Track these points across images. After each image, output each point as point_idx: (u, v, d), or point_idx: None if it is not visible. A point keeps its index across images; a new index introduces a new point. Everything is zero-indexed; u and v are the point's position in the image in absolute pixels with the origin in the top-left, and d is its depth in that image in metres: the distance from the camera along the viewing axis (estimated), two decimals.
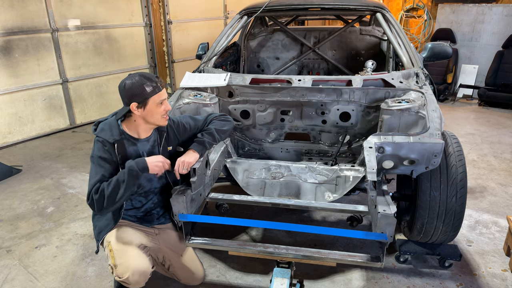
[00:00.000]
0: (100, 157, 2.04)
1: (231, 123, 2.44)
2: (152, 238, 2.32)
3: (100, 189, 1.95)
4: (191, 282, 2.52)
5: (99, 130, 2.10)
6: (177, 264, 2.41)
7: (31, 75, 5.25)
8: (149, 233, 2.32)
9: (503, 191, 3.76)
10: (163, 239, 2.37)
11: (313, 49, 4.44)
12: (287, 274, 2.15)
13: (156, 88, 2.03)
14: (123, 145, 2.11)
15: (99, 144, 2.06)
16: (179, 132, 2.31)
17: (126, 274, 2.01)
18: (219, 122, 2.38)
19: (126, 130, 2.14)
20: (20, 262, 2.83)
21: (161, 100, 2.06)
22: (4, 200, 3.73)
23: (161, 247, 2.35)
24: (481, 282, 2.55)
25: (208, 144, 2.27)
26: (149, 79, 2.03)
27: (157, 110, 2.06)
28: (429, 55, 3.37)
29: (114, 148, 2.07)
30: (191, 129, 2.35)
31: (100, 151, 2.05)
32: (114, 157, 2.08)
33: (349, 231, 2.12)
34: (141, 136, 2.17)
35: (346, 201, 3.20)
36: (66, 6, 5.44)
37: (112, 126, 2.10)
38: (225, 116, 2.45)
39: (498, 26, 7.07)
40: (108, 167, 2.04)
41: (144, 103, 2.03)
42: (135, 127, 2.14)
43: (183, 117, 2.37)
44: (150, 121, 2.10)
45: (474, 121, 5.98)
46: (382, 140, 2.24)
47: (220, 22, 7.98)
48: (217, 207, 2.58)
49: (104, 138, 2.06)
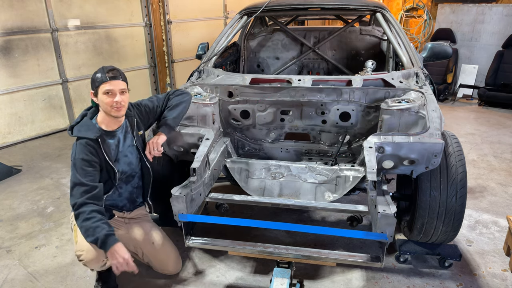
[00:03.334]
0: (82, 159, 2.10)
1: (188, 94, 2.59)
2: (121, 226, 2.43)
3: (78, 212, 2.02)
4: (166, 270, 2.57)
5: (77, 132, 2.18)
6: (149, 252, 2.48)
7: (31, 75, 5.25)
8: (117, 221, 2.43)
9: (503, 191, 3.76)
10: (132, 227, 2.47)
11: (313, 49, 4.44)
12: (287, 274, 2.15)
13: (104, 77, 2.13)
14: (104, 140, 2.22)
15: (81, 145, 2.13)
16: (143, 116, 2.45)
17: (80, 252, 2.15)
18: (176, 97, 2.54)
19: (101, 125, 2.25)
20: (20, 262, 2.83)
21: (108, 90, 2.13)
22: (4, 200, 3.73)
23: (131, 236, 2.44)
24: (481, 282, 2.55)
25: (171, 122, 2.44)
26: (104, 69, 2.16)
27: (105, 99, 2.15)
28: (429, 55, 3.37)
29: (99, 143, 2.17)
30: (151, 110, 2.50)
31: (82, 153, 2.11)
32: (100, 153, 2.17)
33: (349, 231, 2.12)
34: (114, 128, 2.28)
35: (346, 201, 3.20)
36: (66, 6, 5.44)
37: (89, 125, 2.21)
38: (180, 90, 2.61)
39: (498, 26, 7.07)
40: (90, 171, 2.10)
41: (96, 92, 2.17)
42: (105, 120, 2.25)
43: (142, 101, 2.50)
44: (104, 110, 2.20)
45: (474, 121, 5.98)
46: (382, 140, 2.24)
47: (220, 22, 7.98)
48: (217, 207, 2.58)
49: (87, 137, 2.14)
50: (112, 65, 2.22)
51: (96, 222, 1.98)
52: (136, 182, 2.47)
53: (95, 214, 2.00)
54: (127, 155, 2.36)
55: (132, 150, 2.38)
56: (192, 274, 2.66)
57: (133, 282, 2.59)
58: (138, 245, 2.46)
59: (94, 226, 1.97)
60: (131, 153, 2.38)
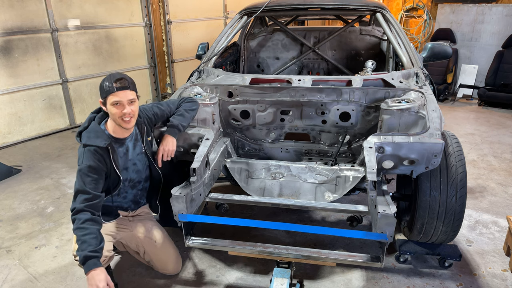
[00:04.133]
0: (89, 166, 2.05)
1: (197, 103, 2.61)
2: (125, 225, 2.44)
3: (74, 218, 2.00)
4: (166, 270, 2.58)
5: (86, 139, 2.11)
6: (150, 250, 2.50)
7: (31, 75, 5.25)
8: (122, 220, 2.44)
9: (503, 191, 3.76)
10: (136, 225, 2.48)
11: (313, 49, 4.44)
12: (287, 274, 2.15)
13: (111, 88, 2.05)
14: (113, 147, 2.17)
15: (89, 152, 2.07)
16: (151, 122, 2.44)
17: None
18: (186, 104, 2.56)
19: (111, 132, 2.20)
20: (20, 262, 2.83)
21: (115, 101, 2.06)
22: (4, 200, 3.73)
23: (133, 233, 2.45)
24: (481, 282, 2.55)
25: (181, 126, 2.44)
26: (111, 78, 2.07)
27: (113, 110, 2.09)
28: (429, 55, 3.37)
29: (109, 152, 2.12)
30: (160, 118, 2.49)
31: (90, 160, 2.06)
32: (108, 162, 2.13)
33: (349, 231, 2.12)
34: (124, 135, 2.24)
35: (346, 201, 3.21)
36: (66, 6, 5.44)
37: (98, 131, 2.14)
38: (190, 98, 2.63)
39: (498, 26, 7.07)
40: (94, 178, 2.06)
41: (105, 102, 2.11)
42: (115, 128, 2.19)
43: (148, 106, 2.47)
44: (113, 120, 2.15)
45: (474, 121, 5.98)
46: (382, 140, 2.24)
47: (220, 22, 7.98)
48: (217, 207, 2.58)
49: (96, 145, 2.08)
50: (120, 73, 2.15)
51: (85, 236, 1.94)
52: (141, 186, 2.48)
53: (87, 225, 1.96)
54: (135, 163, 2.35)
55: (141, 158, 2.37)
56: (192, 274, 2.66)
57: (133, 282, 2.59)
58: (140, 243, 2.48)
59: (82, 240, 1.93)
60: (139, 161, 2.36)
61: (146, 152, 2.37)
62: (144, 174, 2.43)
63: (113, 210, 2.40)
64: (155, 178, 2.47)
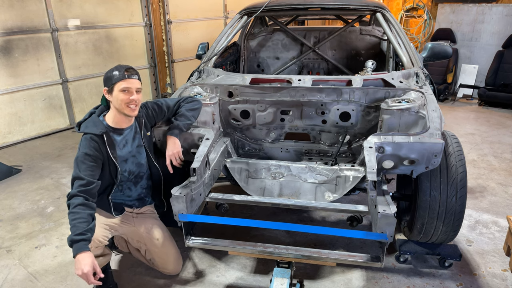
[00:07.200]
0: (85, 153, 2.13)
1: (199, 102, 2.61)
2: (128, 220, 2.45)
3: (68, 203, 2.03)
4: (166, 269, 2.58)
5: (83, 128, 2.21)
6: (151, 248, 2.51)
7: (31, 75, 5.25)
8: (126, 215, 2.45)
9: (503, 191, 3.76)
10: (139, 222, 2.49)
11: (313, 49, 4.44)
12: (287, 274, 2.15)
13: (122, 75, 2.15)
14: (110, 136, 2.24)
15: (86, 140, 2.16)
16: (149, 117, 2.47)
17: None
18: (188, 104, 2.55)
19: (109, 123, 2.26)
20: (20, 262, 2.83)
21: (126, 87, 2.16)
22: (4, 200, 3.73)
23: (136, 229, 2.47)
24: (481, 282, 2.55)
25: (182, 126, 2.45)
26: (121, 68, 2.17)
27: (121, 96, 2.16)
28: (429, 55, 3.37)
29: (104, 139, 2.19)
30: (158, 114, 2.50)
31: (86, 148, 2.14)
32: (104, 149, 2.19)
33: (349, 231, 2.12)
34: (123, 126, 2.30)
35: (346, 201, 3.20)
36: (66, 6, 5.44)
37: (96, 121, 2.23)
38: (192, 97, 2.62)
39: (498, 26, 7.07)
40: (90, 165, 2.12)
41: (111, 89, 2.17)
42: (115, 118, 2.26)
43: (148, 103, 2.51)
44: (117, 107, 2.20)
45: (474, 121, 5.98)
46: (382, 140, 2.24)
47: (220, 22, 7.98)
48: (217, 207, 2.58)
49: (92, 133, 2.16)
50: (128, 65, 2.23)
51: (75, 220, 1.94)
52: (145, 183, 2.50)
53: (78, 210, 1.97)
54: (135, 155, 2.39)
55: (141, 151, 2.41)
56: (192, 274, 2.66)
57: (133, 282, 2.59)
58: (142, 240, 2.50)
59: (72, 224, 1.95)
60: (139, 153, 2.41)
61: (144, 145, 2.40)
62: (145, 168, 2.45)
63: (119, 206, 2.42)
64: (155, 175, 2.50)
